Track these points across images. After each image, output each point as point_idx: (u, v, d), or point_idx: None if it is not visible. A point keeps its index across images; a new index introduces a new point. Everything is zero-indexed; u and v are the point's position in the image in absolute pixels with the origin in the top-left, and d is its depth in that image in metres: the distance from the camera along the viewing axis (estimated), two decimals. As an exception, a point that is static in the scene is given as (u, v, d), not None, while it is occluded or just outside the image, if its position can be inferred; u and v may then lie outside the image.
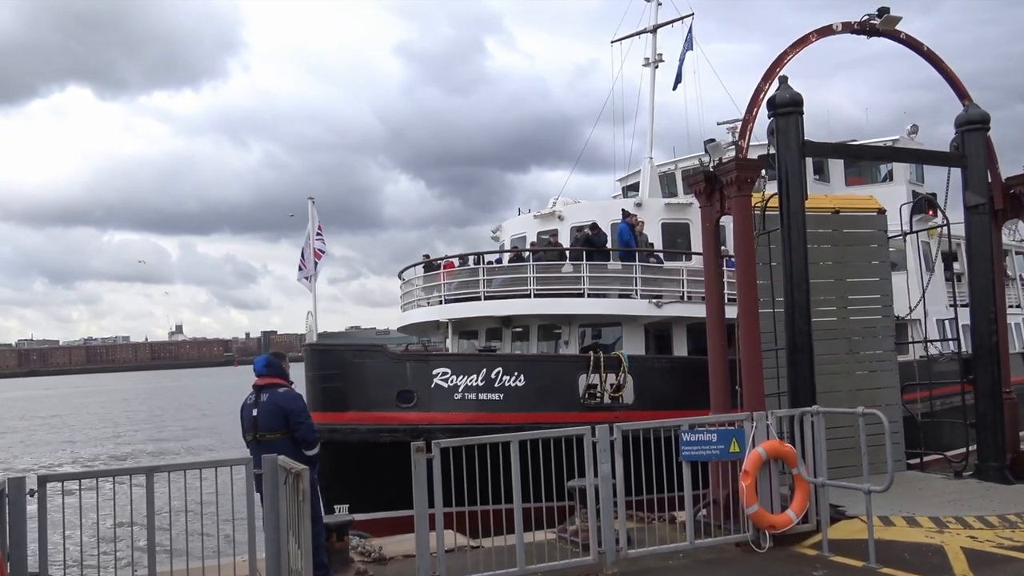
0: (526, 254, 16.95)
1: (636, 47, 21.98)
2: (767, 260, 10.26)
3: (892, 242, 12.30)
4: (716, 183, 9.79)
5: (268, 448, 6.75)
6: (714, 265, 10.16)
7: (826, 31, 10.25)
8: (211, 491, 6.35)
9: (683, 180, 19.10)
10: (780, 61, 9.99)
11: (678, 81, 22.10)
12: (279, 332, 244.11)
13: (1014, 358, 15.07)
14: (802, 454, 8.13)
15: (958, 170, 11.12)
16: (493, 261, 17.83)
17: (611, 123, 22.03)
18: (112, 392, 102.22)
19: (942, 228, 12.10)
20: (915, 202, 16.71)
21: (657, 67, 21.55)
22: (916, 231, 15.57)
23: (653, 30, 21.70)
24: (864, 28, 10.46)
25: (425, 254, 19.34)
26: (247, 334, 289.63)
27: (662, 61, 21.68)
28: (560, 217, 18.52)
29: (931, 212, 17.93)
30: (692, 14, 21.49)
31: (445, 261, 18.59)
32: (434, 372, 13.48)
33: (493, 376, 13.56)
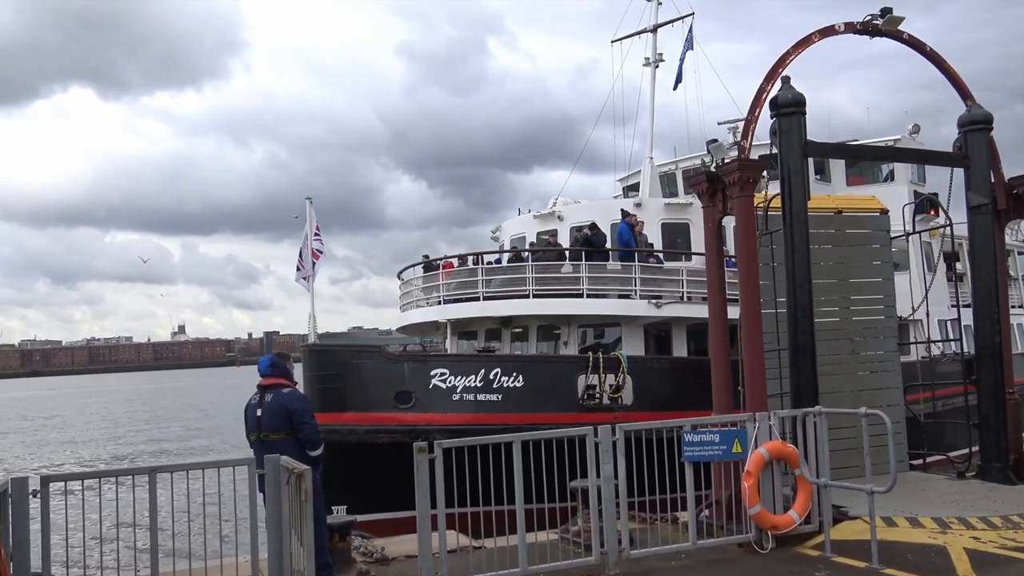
0: (525, 254, 16.90)
1: (636, 47, 21.98)
2: (769, 260, 10.26)
3: (894, 242, 12.29)
4: (718, 183, 9.78)
5: (272, 448, 6.75)
6: (717, 266, 10.14)
7: (829, 31, 10.23)
8: (214, 491, 6.36)
9: (684, 180, 19.08)
10: (783, 61, 9.98)
11: (678, 81, 22.11)
12: (281, 332, 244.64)
13: (1017, 358, 15.04)
14: (804, 455, 8.13)
15: (961, 170, 11.11)
16: (492, 261, 17.77)
17: (612, 123, 22.03)
18: (115, 392, 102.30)
19: (944, 228, 12.09)
20: (917, 202, 16.70)
21: (657, 67, 21.52)
22: (919, 231, 15.55)
23: (653, 30, 21.66)
24: (867, 28, 10.43)
25: (425, 254, 19.31)
26: (249, 334, 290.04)
27: (662, 61, 21.67)
28: (560, 217, 18.48)
29: (933, 212, 17.93)
30: (692, 14, 21.50)
31: (444, 261, 18.52)
32: (432, 373, 13.42)
33: (491, 377, 13.50)
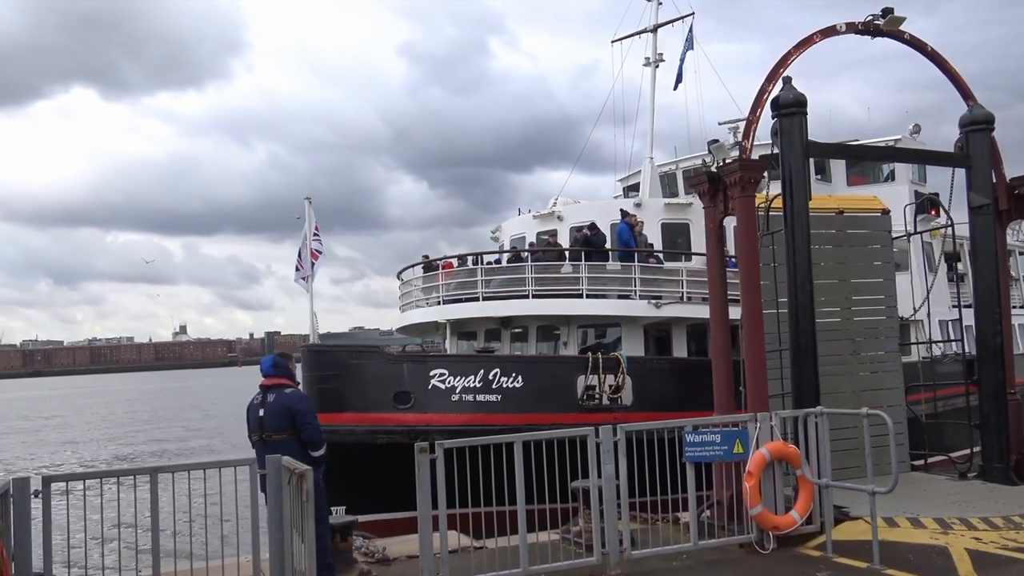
0: (525, 255, 16.88)
1: (637, 47, 21.94)
2: (770, 261, 10.25)
3: (895, 243, 12.28)
4: (720, 184, 9.77)
5: (274, 448, 6.75)
6: (718, 266, 10.14)
7: (830, 31, 10.21)
8: (215, 492, 6.36)
9: (685, 180, 19.05)
10: (784, 61, 9.96)
11: (679, 81, 22.06)
12: (283, 333, 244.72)
13: (1019, 359, 15.01)
14: (806, 455, 8.12)
15: (962, 170, 11.10)
16: (492, 261, 17.74)
17: (612, 123, 21.98)
18: (116, 392, 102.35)
19: (946, 229, 12.08)
20: (919, 202, 16.67)
21: (658, 67, 21.47)
22: (920, 232, 15.52)
23: (653, 30, 21.63)
24: (868, 28, 10.42)
25: (424, 255, 19.28)
26: (251, 335, 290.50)
27: (663, 61, 21.62)
28: (559, 217, 18.44)
29: (934, 212, 17.90)
30: (692, 14, 21.45)
31: (444, 262, 18.47)
32: (431, 373, 13.37)
33: (491, 377, 13.46)
